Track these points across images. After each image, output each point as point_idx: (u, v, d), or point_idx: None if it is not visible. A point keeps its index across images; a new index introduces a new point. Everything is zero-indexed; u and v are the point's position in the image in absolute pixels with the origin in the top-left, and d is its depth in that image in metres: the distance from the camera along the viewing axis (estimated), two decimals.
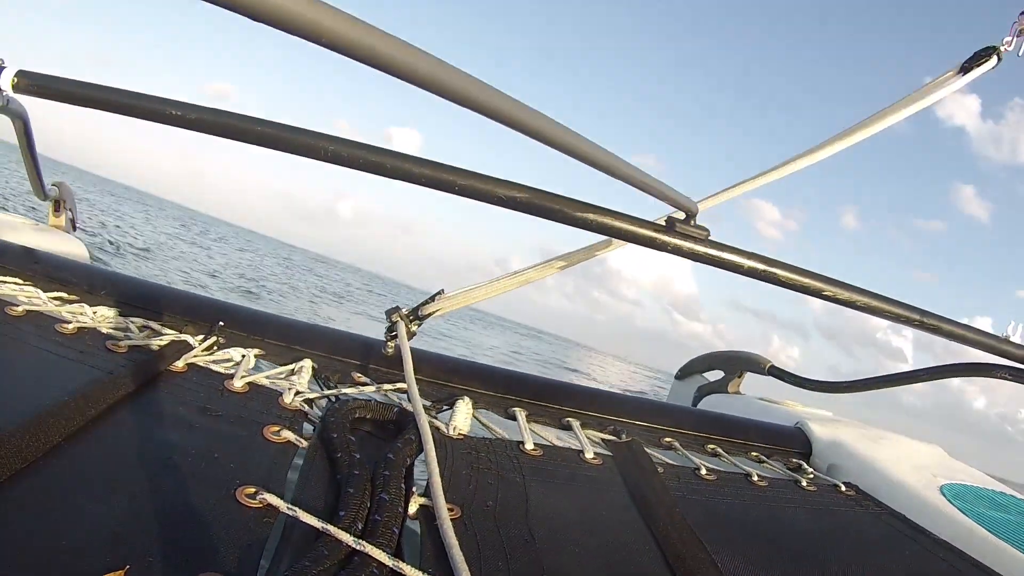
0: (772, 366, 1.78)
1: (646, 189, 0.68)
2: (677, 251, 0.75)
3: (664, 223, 0.74)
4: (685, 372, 1.99)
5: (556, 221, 0.70)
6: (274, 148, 0.65)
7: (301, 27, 0.31)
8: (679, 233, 0.74)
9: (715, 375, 1.92)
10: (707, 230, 0.77)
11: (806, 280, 0.81)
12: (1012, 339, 1.04)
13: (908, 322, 0.89)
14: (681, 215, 0.75)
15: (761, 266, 0.79)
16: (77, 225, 1.99)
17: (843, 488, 1.00)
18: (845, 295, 0.83)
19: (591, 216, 0.70)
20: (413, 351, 0.92)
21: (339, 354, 0.99)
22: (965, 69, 1.14)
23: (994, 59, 1.14)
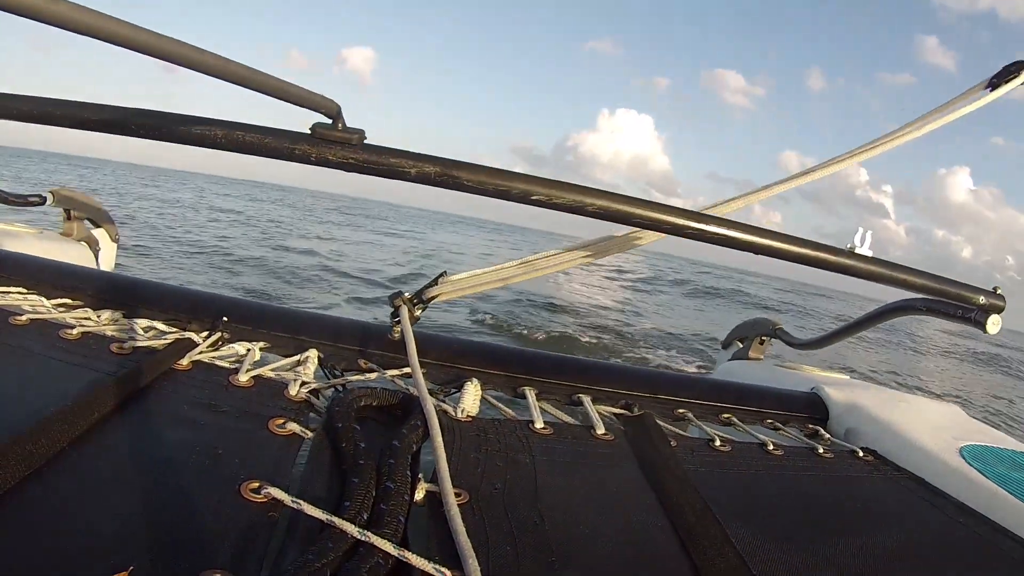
0: (778, 328, 1.77)
1: (282, 96, 0.60)
2: (324, 161, 0.67)
3: (308, 131, 0.67)
4: (726, 342, 2.00)
5: (159, 140, 0.64)
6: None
7: None
8: (323, 139, 0.66)
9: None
10: (359, 132, 0.68)
11: (494, 180, 0.71)
12: (859, 250, 0.90)
13: (681, 232, 0.78)
14: (327, 120, 0.67)
15: (433, 168, 0.69)
16: (118, 237, 1.92)
17: (861, 454, 0.99)
18: (568, 197, 0.73)
19: (197, 129, 0.63)
20: (420, 334, 0.91)
21: (345, 342, 0.99)
22: (993, 85, 1.08)
23: (1023, 75, 1.07)
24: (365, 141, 0.68)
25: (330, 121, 0.67)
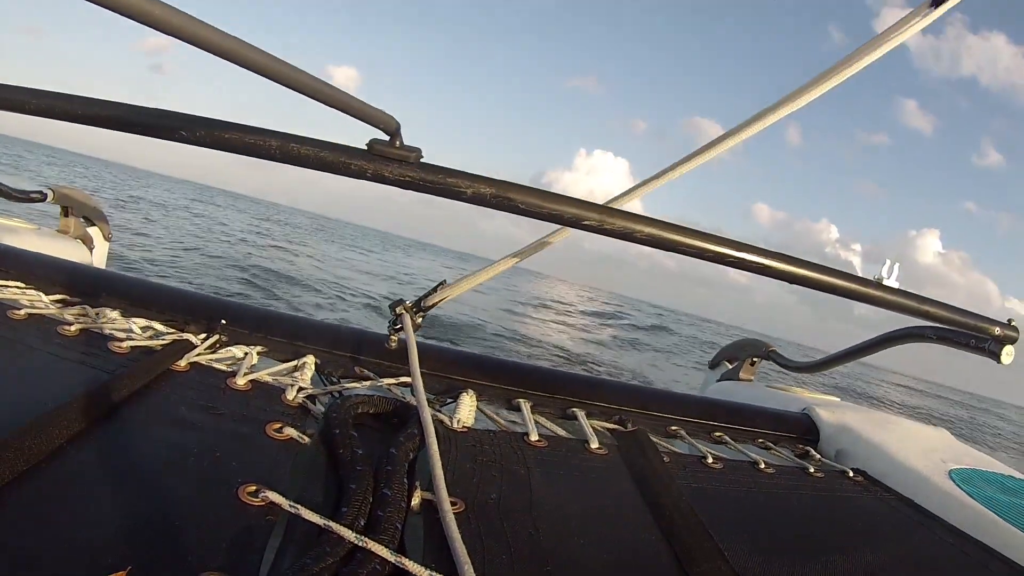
0: (771, 350, 1.78)
1: (344, 108, 0.61)
2: (380, 178, 0.67)
3: (365, 146, 0.67)
4: (714, 362, 2.01)
5: (209, 147, 0.64)
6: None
7: None
8: (380, 156, 0.66)
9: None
10: (416, 150, 0.68)
11: (550, 205, 0.71)
12: (886, 282, 0.91)
13: (722, 260, 0.79)
14: (384, 136, 0.67)
15: (489, 189, 0.69)
16: (110, 236, 1.92)
17: (851, 474, 1.00)
18: (618, 223, 0.73)
19: (250, 139, 0.64)
20: (417, 344, 0.92)
21: (342, 349, 0.99)
22: (936, 2, 1.06)
23: None
24: (422, 159, 0.68)
25: (387, 138, 0.67)
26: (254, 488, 0.55)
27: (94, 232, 1.81)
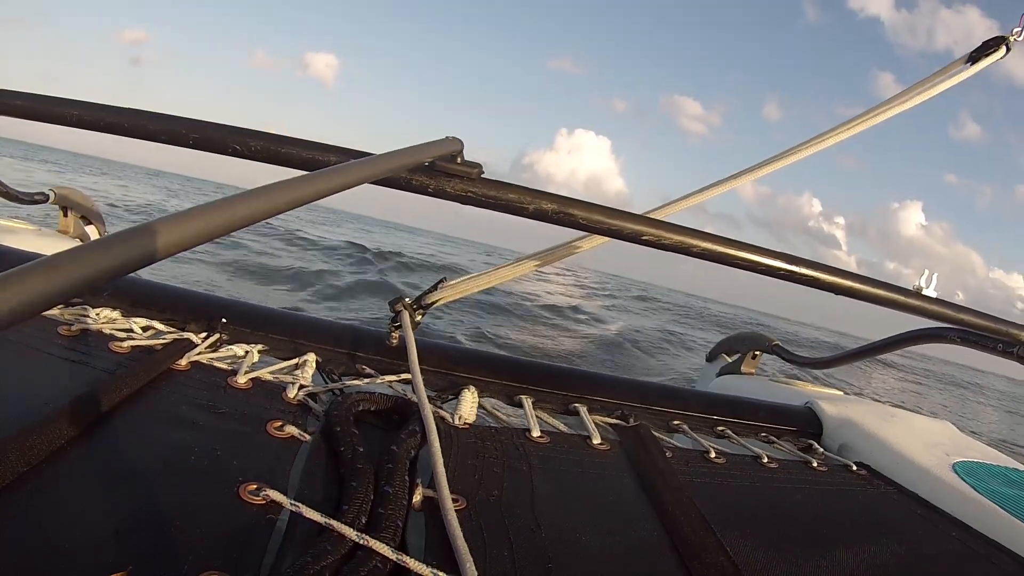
0: (775, 344, 1.77)
1: (408, 157, 0.62)
2: (441, 193, 0.68)
3: (427, 163, 0.68)
4: (711, 355, 1.99)
5: (266, 161, 0.65)
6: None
7: None
8: (442, 172, 0.68)
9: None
10: (478, 166, 0.69)
11: (613, 221, 0.72)
12: (925, 292, 0.94)
13: (772, 272, 0.81)
14: (446, 153, 0.69)
15: (550, 205, 0.70)
16: (104, 234, 1.95)
17: (854, 468, 0.99)
18: (675, 238, 0.75)
19: (308, 154, 0.64)
20: (418, 341, 0.92)
21: (343, 347, 0.98)
22: (973, 59, 1.11)
23: (1003, 49, 1.10)
24: (483, 175, 0.69)
25: (448, 154, 0.68)
26: (255, 486, 0.55)
27: (91, 231, 1.83)
